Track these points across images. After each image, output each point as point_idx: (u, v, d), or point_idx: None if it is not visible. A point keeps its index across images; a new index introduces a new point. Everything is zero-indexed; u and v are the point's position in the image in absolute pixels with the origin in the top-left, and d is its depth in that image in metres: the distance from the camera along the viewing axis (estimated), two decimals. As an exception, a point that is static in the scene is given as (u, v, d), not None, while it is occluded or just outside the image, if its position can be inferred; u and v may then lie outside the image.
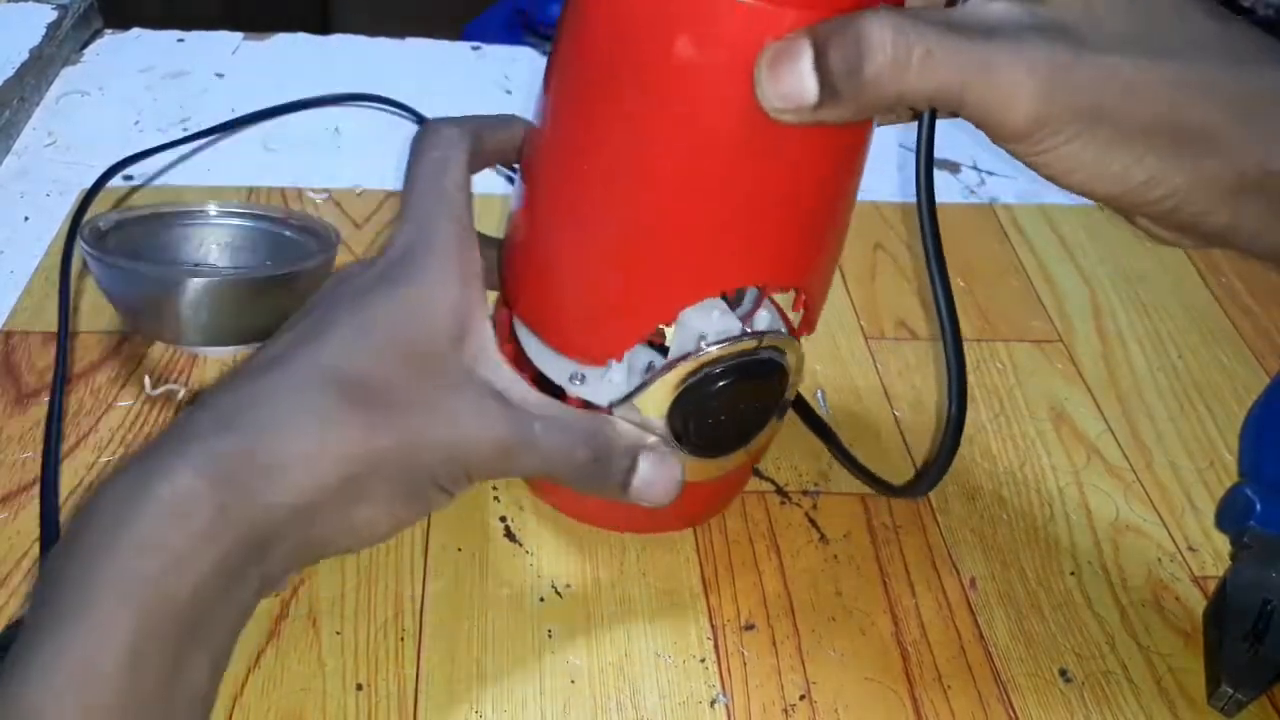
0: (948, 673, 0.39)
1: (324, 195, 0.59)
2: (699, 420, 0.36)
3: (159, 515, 0.27)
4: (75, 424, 0.45)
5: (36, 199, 0.57)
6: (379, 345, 0.32)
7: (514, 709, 0.37)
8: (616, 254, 0.34)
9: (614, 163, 0.32)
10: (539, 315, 0.37)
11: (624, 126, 0.32)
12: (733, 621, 0.40)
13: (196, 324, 0.45)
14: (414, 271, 0.33)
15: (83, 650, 0.26)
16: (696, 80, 0.30)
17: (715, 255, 0.33)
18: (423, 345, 0.33)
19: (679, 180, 0.32)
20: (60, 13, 0.69)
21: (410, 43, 0.73)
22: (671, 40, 0.30)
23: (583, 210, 0.34)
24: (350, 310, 0.33)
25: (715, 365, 0.35)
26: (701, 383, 0.35)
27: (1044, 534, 0.44)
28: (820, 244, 0.36)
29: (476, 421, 0.33)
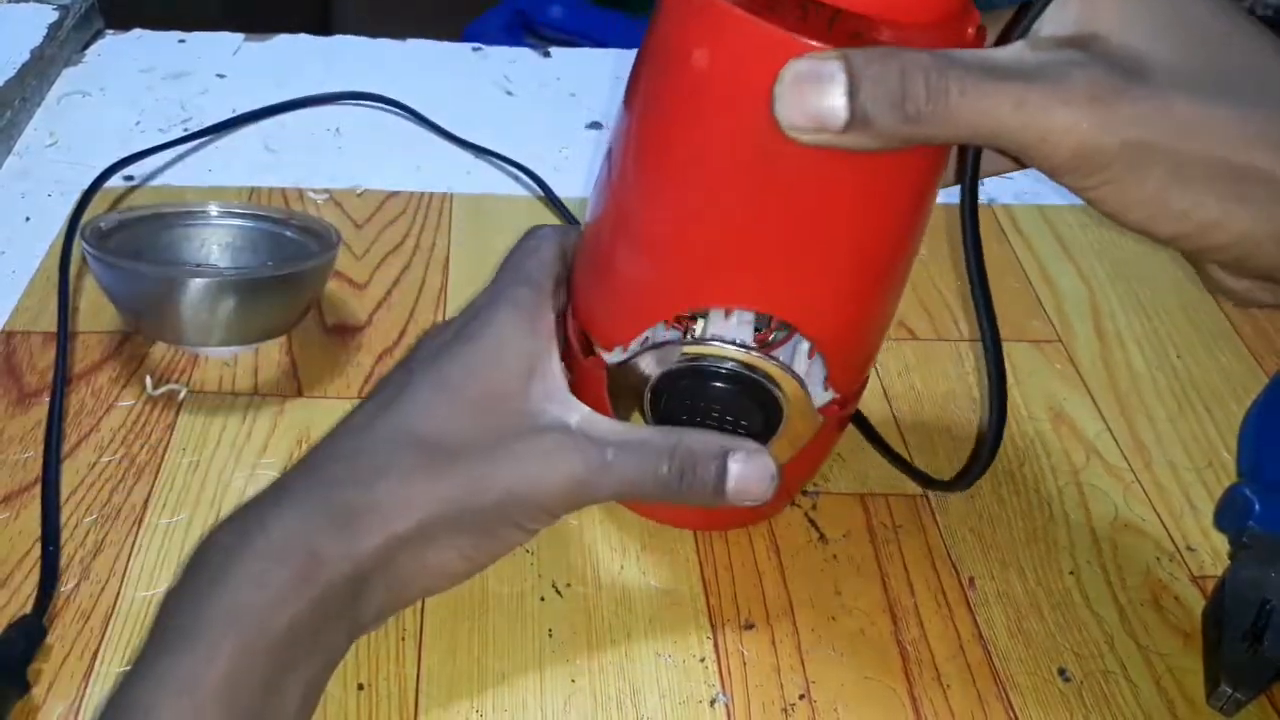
0: (947, 672, 0.39)
1: (324, 196, 0.59)
2: (672, 408, 0.36)
3: (262, 557, 0.31)
4: (76, 424, 0.45)
5: (38, 199, 0.57)
6: (451, 399, 0.35)
7: (514, 709, 0.37)
8: (625, 258, 0.36)
9: (635, 176, 0.34)
10: (578, 302, 0.39)
11: (651, 142, 0.33)
12: (732, 621, 0.40)
13: (197, 324, 0.45)
14: (484, 327, 0.36)
15: (191, 666, 0.29)
16: (709, 103, 0.30)
17: (705, 272, 0.34)
18: (493, 394, 0.35)
19: (682, 198, 0.33)
20: (61, 13, 0.69)
21: (410, 43, 0.73)
22: (693, 60, 0.30)
23: (602, 218, 0.36)
24: (425, 370, 0.36)
25: (699, 360, 0.35)
26: (681, 372, 0.36)
27: (1043, 534, 0.44)
28: (836, 296, 0.35)
29: (544, 460, 0.34)
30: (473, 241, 0.57)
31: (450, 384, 0.35)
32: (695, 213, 0.33)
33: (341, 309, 0.52)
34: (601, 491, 0.35)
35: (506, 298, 0.37)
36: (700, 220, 0.33)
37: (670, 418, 0.37)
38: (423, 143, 0.64)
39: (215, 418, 0.46)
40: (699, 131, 0.31)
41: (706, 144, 0.31)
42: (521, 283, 0.37)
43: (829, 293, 0.34)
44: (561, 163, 0.63)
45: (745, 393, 0.36)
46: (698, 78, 0.30)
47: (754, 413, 0.36)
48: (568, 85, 0.71)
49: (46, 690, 0.36)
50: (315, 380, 0.48)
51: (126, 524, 0.41)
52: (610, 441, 0.35)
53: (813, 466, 0.43)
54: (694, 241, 0.33)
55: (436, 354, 0.36)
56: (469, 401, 0.34)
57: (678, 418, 0.37)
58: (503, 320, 0.36)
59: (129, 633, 0.38)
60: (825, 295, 0.34)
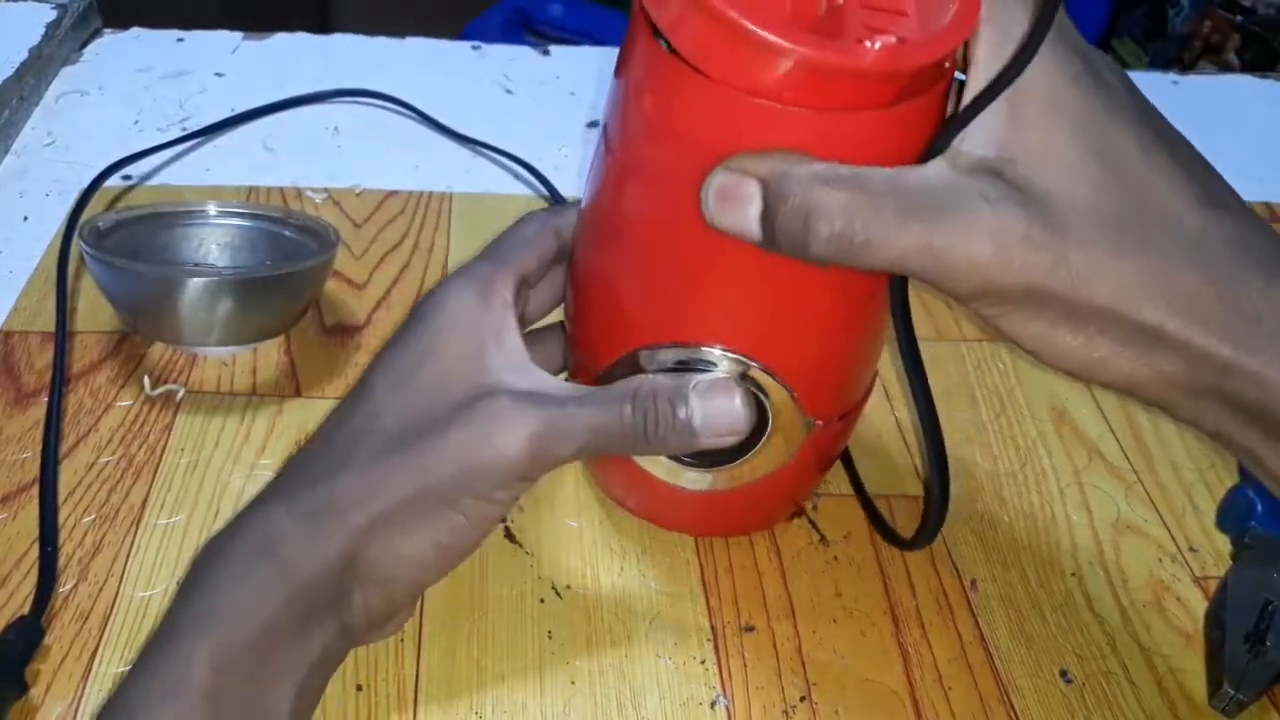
0: (948, 674, 0.39)
1: (323, 195, 0.59)
2: None
3: (234, 561, 0.32)
4: (74, 424, 0.45)
5: (35, 199, 0.57)
6: (404, 386, 0.34)
7: (514, 710, 0.37)
8: (599, 293, 0.36)
9: (604, 216, 0.35)
10: (567, 314, 0.40)
11: (613, 189, 0.34)
12: (733, 623, 0.40)
13: (196, 324, 0.45)
14: (432, 309, 0.35)
15: (175, 668, 0.30)
16: (662, 146, 0.31)
17: (666, 311, 0.34)
18: (443, 372, 0.34)
19: (643, 240, 0.34)
20: (59, 12, 0.69)
21: (410, 42, 0.73)
22: (647, 106, 0.31)
23: (578, 254, 0.37)
24: (380, 362, 0.35)
25: (687, 364, 0.35)
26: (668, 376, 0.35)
27: (1045, 535, 0.44)
28: (796, 337, 0.34)
29: (497, 421, 0.32)
30: (472, 241, 0.57)
31: (402, 372, 0.34)
32: (654, 255, 0.33)
33: (340, 309, 0.52)
34: (565, 447, 0.33)
35: (458, 275, 0.36)
36: (659, 264, 0.33)
37: None
38: (422, 141, 0.64)
39: (213, 418, 0.46)
40: (656, 183, 0.32)
41: (662, 193, 0.32)
42: (480, 259, 0.37)
43: (789, 333, 0.34)
44: (561, 161, 0.62)
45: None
46: (652, 131, 0.31)
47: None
48: (567, 84, 0.71)
49: (45, 691, 0.36)
50: (314, 380, 0.48)
51: (125, 524, 0.41)
52: (570, 397, 0.34)
53: (817, 476, 0.42)
54: (651, 284, 0.34)
55: (390, 345, 0.36)
56: (421, 385, 0.34)
57: None
58: (452, 298, 0.35)
59: (127, 633, 0.38)
60: (785, 335, 0.34)
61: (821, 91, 0.28)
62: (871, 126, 0.29)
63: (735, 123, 0.29)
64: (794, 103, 0.28)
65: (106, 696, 0.31)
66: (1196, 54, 1.66)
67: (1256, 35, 1.60)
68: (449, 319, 0.35)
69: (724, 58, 0.28)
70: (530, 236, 0.38)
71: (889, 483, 0.45)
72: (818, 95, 0.28)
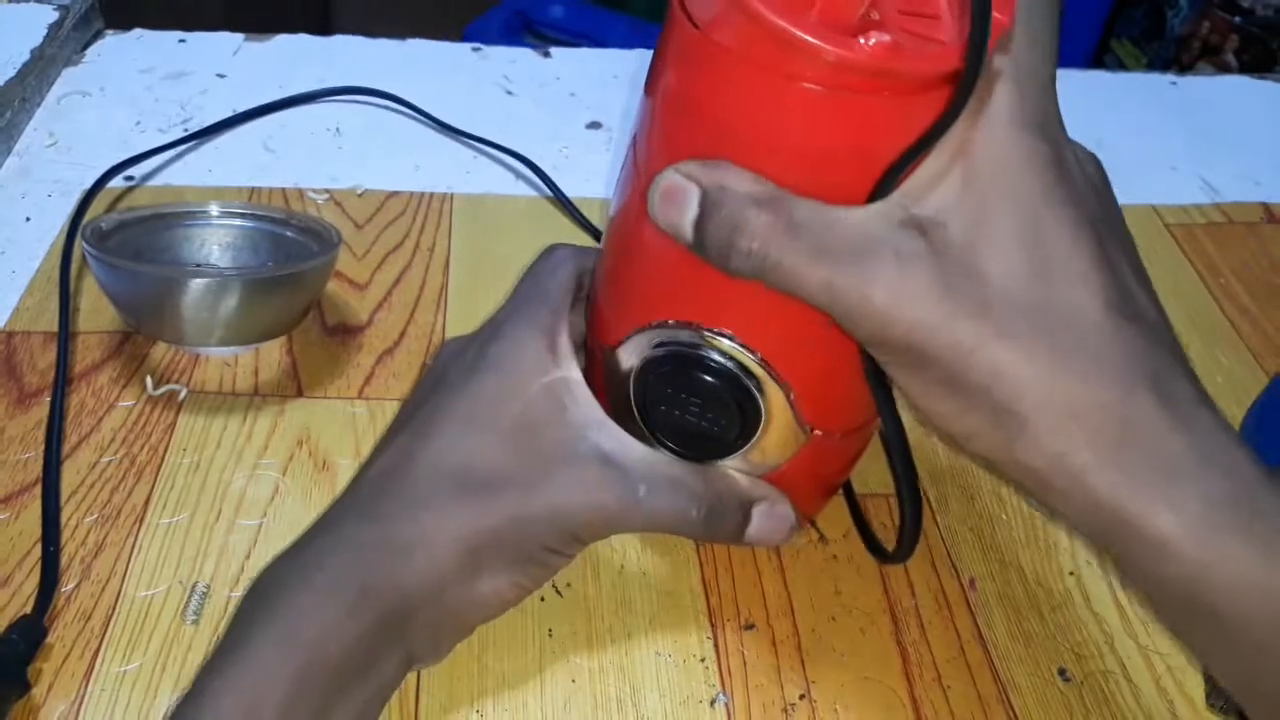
0: (947, 673, 0.39)
1: (325, 196, 0.59)
2: (653, 394, 0.36)
3: (315, 590, 0.33)
4: (76, 424, 0.45)
5: (38, 199, 0.57)
6: (484, 431, 0.35)
7: (514, 709, 0.37)
8: (616, 267, 0.36)
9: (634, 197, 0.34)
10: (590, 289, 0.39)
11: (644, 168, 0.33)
12: (732, 621, 0.40)
13: (198, 324, 0.45)
14: (509, 354, 0.36)
15: (252, 688, 0.31)
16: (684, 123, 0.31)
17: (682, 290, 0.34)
18: (525, 425, 0.35)
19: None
20: (61, 13, 0.69)
21: (410, 43, 0.73)
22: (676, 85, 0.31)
23: (608, 234, 0.37)
24: (454, 398, 0.36)
25: (687, 349, 0.34)
26: (665, 358, 0.35)
27: (1043, 534, 0.44)
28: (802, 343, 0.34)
29: (578, 491, 0.35)
30: (473, 241, 0.57)
31: (481, 417, 0.36)
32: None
33: (342, 309, 0.52)
34: (629, 526, 0.36)
35: (528, 321, 0.37)
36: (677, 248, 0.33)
37: (650, 404, 0.36)
38: (423, 142, 0.64)
39: (215, 418, 0.46)
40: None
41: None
42: (541, 305, 0.38)
43: (794, 334, 0.34)
44: (561, 162, 0.63)
45: (726, 391, 0.35)
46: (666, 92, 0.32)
47: (732, 415, 0.35)
48: (567, 85, 0.71)
49: (47, 690, 0.36)
50: (316, 380, 0.48)
51: (127, 524, 0.41)
52: (642, 477, 0.35)
53: (817, 493, 0.42)
54: (671, 265, 0.33)
55: (464, 381, 0.37)
56: (502, 433, 0.35)
57: (656, 406, 0.36)
58: (526, 347, 0.36)
59: (129, 632, 0.38)
60: (791, 335, 0.34)
61: (829, 76, 0.28)
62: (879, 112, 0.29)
63: (747, 96, 0.29)
64: (801, 78, 0.28)
65: (169, 711, 0.32)
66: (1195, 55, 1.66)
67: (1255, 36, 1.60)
68: (525, 369, 0.36)
69: (741, 38, 0.29)
70: (567, 280, 0.39)
71: (888, 482, 0.45)
72: (826, 77, 0.28)
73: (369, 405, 0.47)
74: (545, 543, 0.35)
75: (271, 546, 0.41)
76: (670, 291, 0.34)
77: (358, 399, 0.47)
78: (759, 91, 0.29)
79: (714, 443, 0.36)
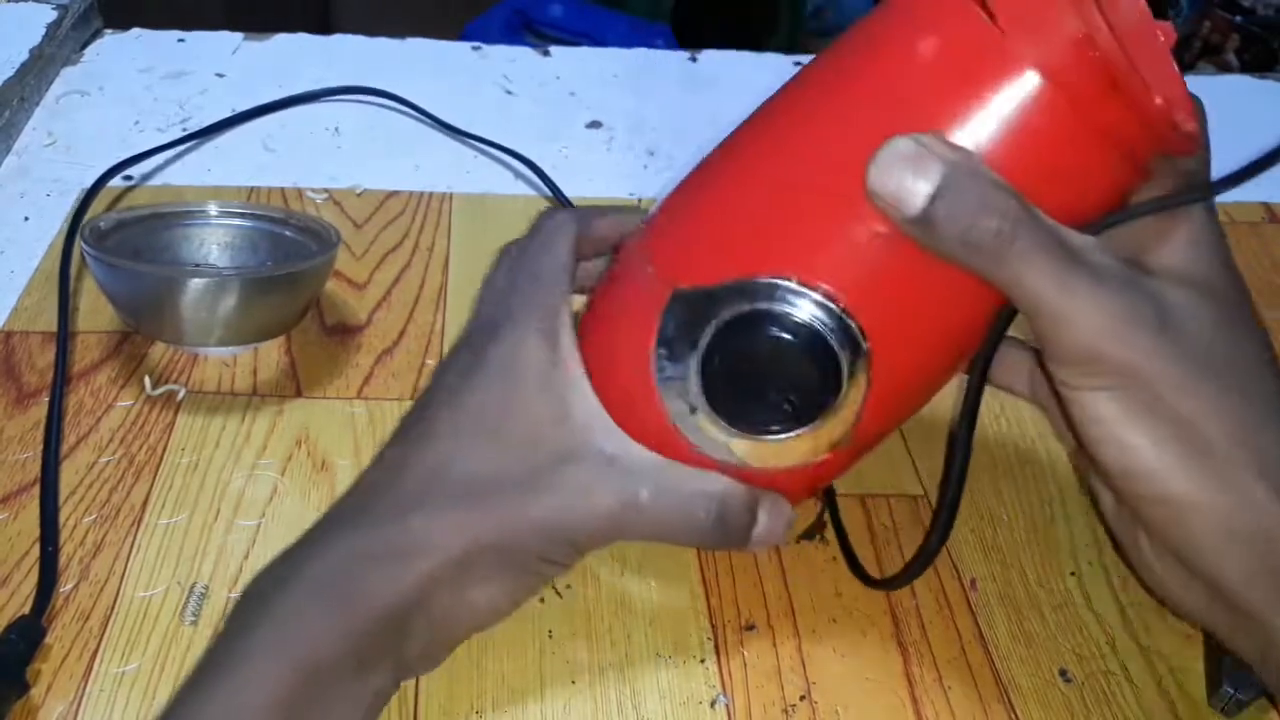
0: (948, 673, 0.39)
1: (324, 195, 0.59)
2: (726, 359, 0.34)
3: (307, 593, 0.32)
4: (75, 424, 0.45)
5: (36, 199, 0.57)
6: (485, 438, 0.35)
7: (514, 709, 0.37)
8: (734, 204, 0.35)
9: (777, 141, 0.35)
10: (664, 229, 0.37)
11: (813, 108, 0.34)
12: (733, 622, 0.40)
13: (197, 324, 0.45)
14: (509, 358, 0.36)
15: (242, 691, 0.30)
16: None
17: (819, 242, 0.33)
18: (528, 432, 0.35)
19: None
20: (60, 13, 0.69)
21: (410, 42, 0.73)
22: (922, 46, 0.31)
23: (754, 147, 0.36)
24: (453, 406, 0.36)
25: (764, 304, 0.33)
26: (741, 320, 0.33)
27: (1044, 534, 0.44)
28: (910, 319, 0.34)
29: (578, 497, 0.34)
30: (473, 241, 0.57)
31: (479, 422, 0.35)
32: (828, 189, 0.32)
33: (341, 309, 0.52)
34: (632, 532, 0.35)
35: (526, 319, 0.36)
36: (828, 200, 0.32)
37: (719, 364, 0.34)
38: (422, 142, 0.64)
39: (214, 418, 0.46)
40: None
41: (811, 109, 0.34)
42: (539, 299, 0.37)
43: (916, 342, 0.34)
44: (561, 162, 0.63)
45: (817, 371, 0.33)
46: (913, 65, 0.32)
47: (807, 396, 0.33)
48: (567, 84, 0.71)
49: (45, 690, 0.36)
50: (314, 380, 0.48)
51: (125, 524, 0.41)
52: (646, 478, 0.34)
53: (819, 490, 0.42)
54: (825, 218, 0.32)
55: (462, 385, 0.36)
56: (501, 439, 0.35)
57: (727, 369, 0.34)
58: (527, 349, 0.35)
59: (128, 633, 0.38)
60: (908, 342, 0.34)
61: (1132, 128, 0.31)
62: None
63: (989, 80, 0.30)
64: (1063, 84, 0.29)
65: (159, 714, 0.31)
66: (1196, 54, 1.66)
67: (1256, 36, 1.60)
68: (527, 373, 0.35)
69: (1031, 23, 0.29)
70: (565, 257, 0.38)
71: (888, 481, 0.45)
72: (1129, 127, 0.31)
73: (368, 405, 0.47)
74: (542, 552, 0.35)
75: (270, 547, 0.41)
76: (809, 251, 0.32)
77: (357, 399, 0.47)
78: (1048, 112, 0.30)
79: (766, 415, 0.34)
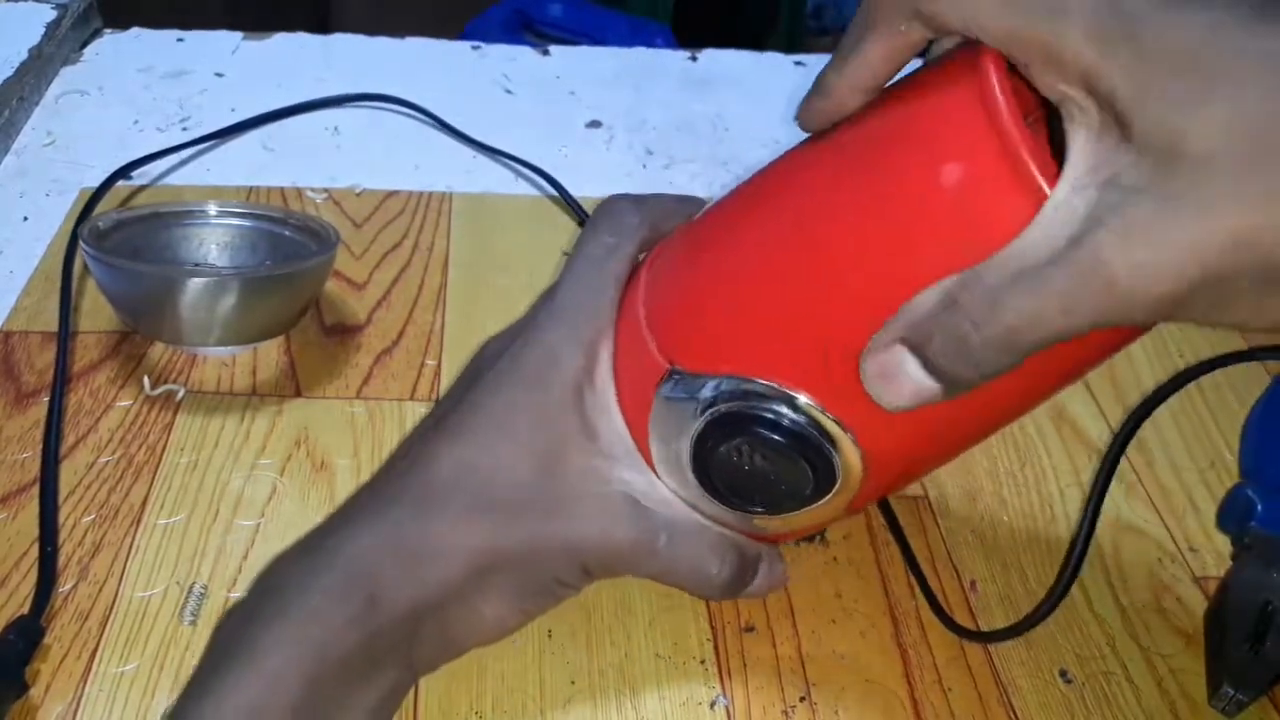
0: (948, 674, 0.39)
1: (323, 195, 0.59)
2: (719, 449, 0.33)
3: (322, 591, 0.32)
4: (74, 424, 0.45)
5: (35, 199, 0.57)
6: (514, 445, 0.34)
7: (514, 709, 0.37)
8: (727, 298, 0.33)
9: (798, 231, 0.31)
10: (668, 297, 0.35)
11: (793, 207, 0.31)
12: (733, 623, 0.40)
13: (196, 324, 0.45)
14: (549, 369, 0.35)
15: (259, 691, 0.30)
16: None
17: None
18: (557, 450, 0.34)
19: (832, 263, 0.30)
20: (59, 12, 0.69)
21: (410, 42, 0.73)
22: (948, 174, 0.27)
23: (764, 235, 0.32)
24: (489, 402, 0.35)
25: (757, 405, 0.32)
26: (733, 417, 0.33)
27: (1044, 535, 0.44)
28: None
29: (598, 526, 0.34)
30: (472, 241, 0.57)
31: (509, 429, 0.34)
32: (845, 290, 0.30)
33: (340, 309, 0.52)
34: (641, 570, 0.36)
35: (569, 330, 0.35)
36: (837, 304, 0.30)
37: (711, 449, 0.33)
38: (422, 142, 0.64)
39: (213, 418, 0.46)
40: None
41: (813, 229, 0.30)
42: (586, 310, 0.36)
43: (912, 435, 0.32)
44: (560, 162, 0.62)
45: (799, 451, 0.32)
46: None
47: (804, 476, 0.33)
48: (567, 84, 0.71)
49: (44, 691, 0.36)
50: (314, 380, 0.48)
51: (124, 524, 0.41)
52: (666, 523, 0.35)
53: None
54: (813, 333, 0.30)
55: (497, 387, 0.35)
56: (530, 451, 0.34)
57: (721, 457, 0.33)
58: (563, 362, 0.35)
59: (127, 633, 0.38)
60: (904, 436, 0.32)
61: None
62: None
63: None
64: None
65: (170, 709, 0.31)
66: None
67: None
68: (558, 390, 0.35)
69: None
70: (624, 264, 0.37)
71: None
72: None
73: (367, 405, 0.47)
74: (557, 573, 0.35)
75: (269, 547, 0.41)
76: (815, 374, 0.31)
77: (356, 399, 0.47)
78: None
79: (768, 498, 0.34)
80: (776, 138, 0.67)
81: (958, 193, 0.27)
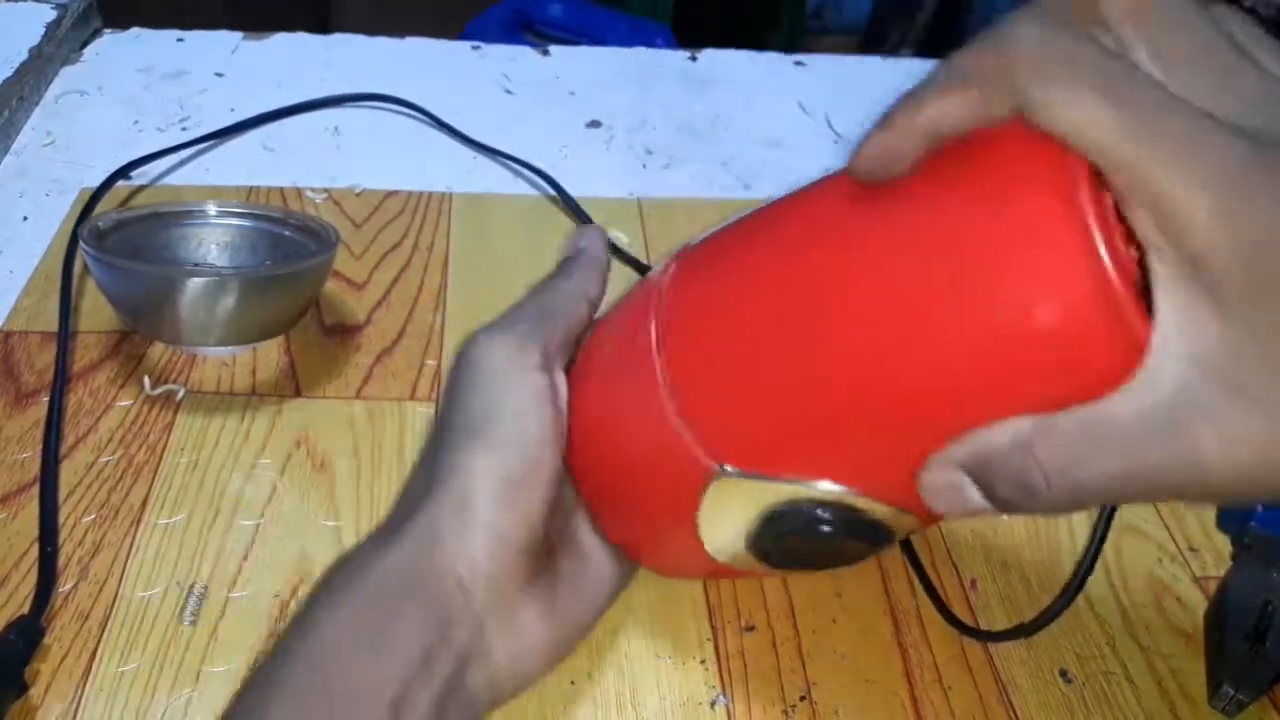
0: (948, 674, 0.39)
1: (323, 195, 0.59)
2: (781, 535, 0.32)
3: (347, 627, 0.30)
4: (74, 424, 0.45)
5: (35, 199, 0.57)
6: (502, 539, 0.32)
7: (514, 709, 0.37)
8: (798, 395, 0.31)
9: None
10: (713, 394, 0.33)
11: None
12: (733, 623, 0.40)
13: (196, 324, 0.45)
14: (532, 463, 0.33)
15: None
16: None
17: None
18: (539, 547, 0.33)
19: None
20: (59, 12, 0.69)
21: (410, 42, 0.73)
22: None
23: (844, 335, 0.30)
24: (449, 409, 0.33)
25: (823, 508, 0.31)
26: (793, 515, 0.32)
27: (1044, 535, 0.44)
28: None
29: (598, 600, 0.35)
30: (472, 240, 0.57)
31: (500, 530, 0.32)
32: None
33: (340, 309, 0.52)
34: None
35: (540, 413, 0.33)
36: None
37: (767, 536, 0.32)
38: (422, 142, 0.64)
39: (213, 418, 0.46)
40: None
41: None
42: (549, 394, 0.33)
43: None
44: (560, 161, 0.62)
45: (857, 534, 0.31)
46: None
47: (861, 550, 0.32)
48: (567, 84, 0.71)
49: (44, 691, 0.36)
50: (313, 380, 0.48)
51: (124, 524, 0.41)
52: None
53: None
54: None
55: (452, 385, 0.33)
56: (520, 551, 0.32)
57: (776, 544, 0.33)
58: (547, 452, 0.33)
59: (127, 633, 0.38)
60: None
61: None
62: None
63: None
64: None
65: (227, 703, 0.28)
66: (1196, 54, 1.66)
67: (1256, 35, 1.60)
68: (545, 479, 0.33)
69: None
70: (581, 313, 0.35)
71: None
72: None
73: (367, 405, 0.47)
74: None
75: (269, 547, 0.41)
76: (885, 481, 0.30)
77: (355, 399, 0.47)
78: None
79: (822, 564, 0.33)
80: (776, 138, 0.67)
81: (1049, 338, 0.25)
